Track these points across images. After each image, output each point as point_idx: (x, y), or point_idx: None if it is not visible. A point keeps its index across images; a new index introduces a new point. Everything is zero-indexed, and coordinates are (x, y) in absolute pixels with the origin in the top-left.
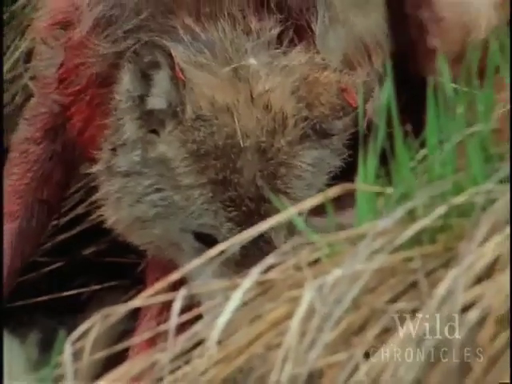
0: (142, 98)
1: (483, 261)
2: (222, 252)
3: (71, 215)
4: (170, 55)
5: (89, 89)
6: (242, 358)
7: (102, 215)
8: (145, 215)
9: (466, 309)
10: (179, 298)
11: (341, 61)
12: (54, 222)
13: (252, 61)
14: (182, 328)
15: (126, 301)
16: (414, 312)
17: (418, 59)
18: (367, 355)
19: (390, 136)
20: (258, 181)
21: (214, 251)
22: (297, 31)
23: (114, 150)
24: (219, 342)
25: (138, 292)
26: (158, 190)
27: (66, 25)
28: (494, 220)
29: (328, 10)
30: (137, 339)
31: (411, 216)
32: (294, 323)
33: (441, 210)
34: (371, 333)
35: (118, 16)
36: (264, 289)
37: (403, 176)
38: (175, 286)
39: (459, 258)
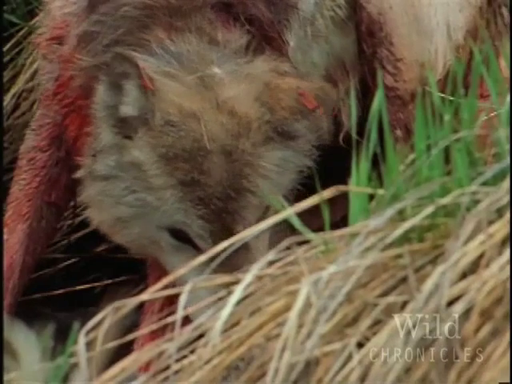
0: (115, 107)
1: (468, 258)
2: (212, 258)
3: (85, 215)
4: (137, 66)
5: (78, 100)
6: (244, 347)
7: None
8: (124, 216)
9: (451, 302)
10: (185, 292)
11: (323, 76)
12: (69, 222)
13: (216, 70)
14: (185, 321)
15: (135, 295)
16: (403, 305)
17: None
18: (360, 345)
19: (381, 141)
20: (224, 181)
21: (203, 257)
22: (268, 42)
23: (94, 155)
24: (222, 333)
25: (147, 286)
26: (134, 192)
27: (60, 40)
28: (477, 220)
29: (311, 25)
30: (142, 332)
31: (401, 216)
32: (292, 315)
33: (428, 210)
34: (363, 324)
35: (99, 32)
36: (264, 283)
37: (393, 179)
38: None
39: (445, 255)
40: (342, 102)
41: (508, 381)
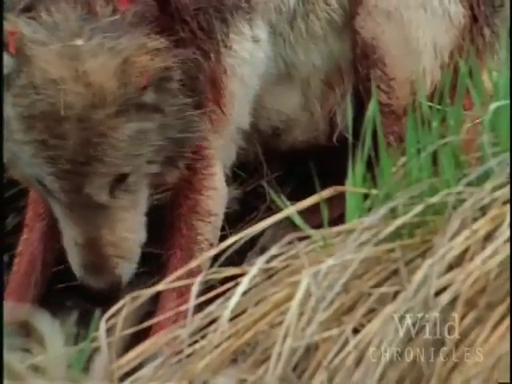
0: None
1: (454, 252)
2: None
3: None
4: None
5: None
6: (250, 333)
7: None
8: (8, 158)
9: (439, 292)
10: (197, 283)
11: (322, 80)
12: None
13: (80, 42)
14: (198, 308)
15: (151, 285)
16: (395, 295)
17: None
18: (355, 331)
19: (374, 145)
20: (74, 146)
21: (213, 251)
22: (181, 25)
23: None
24: (230, 320)
25: (162, 278)
26: (7, 140)
27: None
28: (463, 217)
29: (305, 24)
30: (158, 319)
31: (393, 214)
32: (294, 304)
33: (418, 208)
34: (359, 312)
35: (16, 1)
36: (268, 275)
37: (386, 179)
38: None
39: (434, 249)
40: (338, 105)
41: (508, 381)
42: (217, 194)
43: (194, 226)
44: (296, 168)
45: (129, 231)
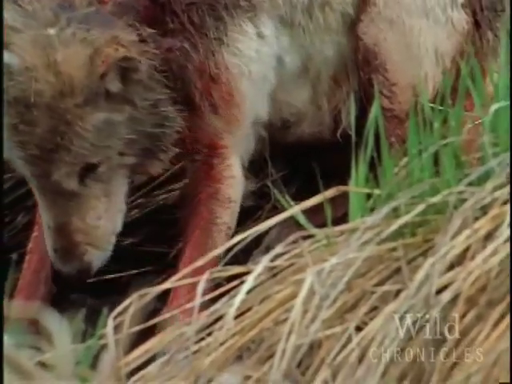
0: None
1: (455, 251)
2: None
3: None
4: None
5: None
6: (255, 330)
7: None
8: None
9: (440, 291)
10: (203, 281)
11: (330, 76)
12: None
13: (52, 31)
14: (205, 305)
15: (157, 284)
16: (397, 293)
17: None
18: (358, 329)
19: (377, 146)
20: (41, 133)
21: (219, 250)
22: (171, 18)
23: None
24: (235, 318)
25: (168, 276)
26: None
27: None
28: (464, 216)
29: (322, 13)
30: (167, 315)
31: (395, 213)
32: (298, 302)
33: (420, 208)
34: (362, 310)
35: None
36: (272, 274)
37: (388, 179)
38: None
39: (435, 248)
40: (343, 103)
41: (508, 381)
42: (235, 182)
43: (214, 211)
44: (300, 167)
45: (100, 219)
